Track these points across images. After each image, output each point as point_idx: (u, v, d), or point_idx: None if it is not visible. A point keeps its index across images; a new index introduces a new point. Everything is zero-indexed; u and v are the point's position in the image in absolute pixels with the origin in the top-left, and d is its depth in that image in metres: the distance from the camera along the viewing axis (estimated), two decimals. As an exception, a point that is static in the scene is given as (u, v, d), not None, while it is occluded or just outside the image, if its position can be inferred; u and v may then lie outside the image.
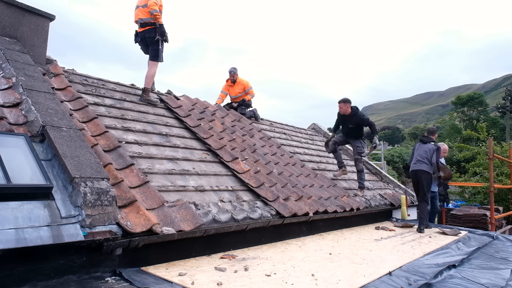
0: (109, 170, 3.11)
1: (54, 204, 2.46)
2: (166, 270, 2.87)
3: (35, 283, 2.27)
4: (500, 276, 3.47)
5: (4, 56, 3.79)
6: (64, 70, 4.98)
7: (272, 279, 2.85)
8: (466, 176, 13.01)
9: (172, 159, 4.26)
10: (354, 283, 2.90)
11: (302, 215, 4.46)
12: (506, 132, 35.82)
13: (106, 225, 2.56)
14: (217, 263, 3.18)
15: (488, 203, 9.10)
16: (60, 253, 2.40)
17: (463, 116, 45.38)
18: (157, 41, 5.53)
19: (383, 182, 8.57)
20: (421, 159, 6.23)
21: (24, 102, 3.24)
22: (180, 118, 5.54)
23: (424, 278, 3.10)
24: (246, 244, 3.87)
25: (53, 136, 2.89)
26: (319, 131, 10.30)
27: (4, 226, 2.13)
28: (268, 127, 8.17)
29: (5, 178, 2.36)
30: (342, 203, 5.49)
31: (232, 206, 3.88)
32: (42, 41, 4.57)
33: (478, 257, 4.27)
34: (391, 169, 27.05)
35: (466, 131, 17.04)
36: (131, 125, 4.53)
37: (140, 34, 5.62)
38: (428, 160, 6.20)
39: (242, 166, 4.82)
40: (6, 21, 4.23)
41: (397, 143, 65.53)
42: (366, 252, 4.03)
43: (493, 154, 8.37)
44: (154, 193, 3.23)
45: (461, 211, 8.76)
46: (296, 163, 6.32)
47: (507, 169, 10.90)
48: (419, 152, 6.31)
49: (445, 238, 5.35)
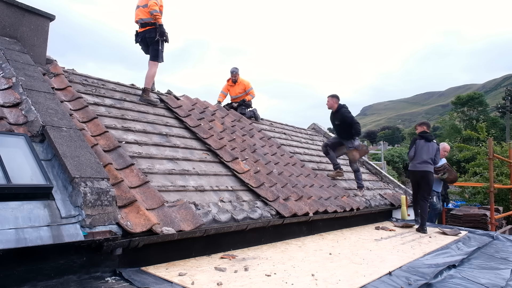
0: (109, 170, 3.11)
1: (54, 204, 2.46)
2: (166, 270, 2.87)
3: (35, 283, 2.27)
4: (500, 276, 3.47)
5: (4, 56, 3.79)
6: (64, 70, 4.98)
7: (272, 279, 2.85)
8: (466, 176, 13.01)
9: (172, 159, 4.26)
10: (354, 283, 2.90)
11: (302, 215, 4.46)
12: (506, 132, 35.82)
13: (106, 225, 2.56)
14: (217, 263, 3.18)
15: (488, 203, 9.10)
16: (60, 253, 2.40)
17: (463, 116, 45.39)
18: (157, 42, 5.53)
19: (383, 182, 8.57)
20: (428, 159, 6.07)
21: (24, 102, 3.24)
22: (180, 118, 5.54)
23: (424, 278, 3.10)
24: (246, 244, 3.87)
25: (53, 136, 2.89)
26: (319, 131, 10.30)
27: (4, 226, 2.13)
28: (268, 127, 8.17)
29: (5, 178, 2.36)
30: (342, 203, 5.49)
31: (232, 206, 3.88)
32: (42, 41, 4.57)
33: (478, 257, 4.27)
34: (391, 169, 27.07)
35: (466, 131, 17.05)
36: (131, 125, 4.53)
37: (141, 34, 5.62)
38: (432, 160, 6.10)
39: (242, 166, 4.82)
40: (6, 21, 4.23)
41: (397, 143, 65.54)
42: (366, 252, 4.03)
43: (493, 154, 8.37)
44: (154, 193, 3.23)
45: (461, 211, 8.76)
46: (296, 163, 6.32)
47: (507, 169, 10.90)
48: (425, 151, 6.08)
49: (445, 238, 5.35)
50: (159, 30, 5.47)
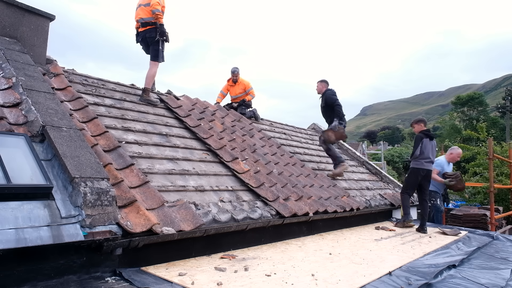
0: (109, 170, 3.11)
1: (54, 204, 2.46)
2: (166, 270, 2.87)
3: (35, 283, 2.27)
4: (500, 276, 3.47)
5: (4, 56, 3.79)
6: (64, 70, 4.98)
7: (272, 279, 2.85)
8: (466, 176, 13.02)
9: (172, 159, 4.26)
10: (354, 283, 2.90)
11: (302, 215, 4.46)
12: (506, 132, 35.83)
13: (106, 225, 2.56)
14: (217, 263, 3.18)
15: (488, 203, 9.11)
16: (60, 253, 2.40)
17: (463, 116, 45.42)
18: (157, 41, 5.52)
19: (383, 182, 8.57)
20: (433, 159, 6.12)
21: (24, 102, 3.24)
22: (180, 118, 5.54)
23: (424, 278, 3.10)
24: (246, 244, 3.87)
25: (53, 136, 2.89)
26: (319, 131, 10.30)
27: (4, 226, 2.13)
28: (268, 127, 8.18)
29: (5, 178, 2.36)
30: (342, 203, 5.49)
31: (232, 206, 3.88)
32: (42, 41, 4.57)
33: (478, 257, 4.27)
34: (391, 169, 27.09)
35: (466, 131, 17.06)
36: (131, 125, 4.53)
37: (141, 34, 5.61)
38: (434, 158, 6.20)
39: (242, 166, 4.82)
40: (6, 21, 4.23)
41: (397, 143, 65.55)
42: (366, 252, 4.03)
43: (493, 154, 8.37)
44: (154, 193, 3.23)
45: (461, 211, 8.76)
46: (296, 163, 6.32)
47: (507, 169, 10.91)
48: (429, 150, 6.03)
49: (445, 238, 5.35)
50: (159, 30, 5.47)
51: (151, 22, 5.48)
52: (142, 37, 5.62)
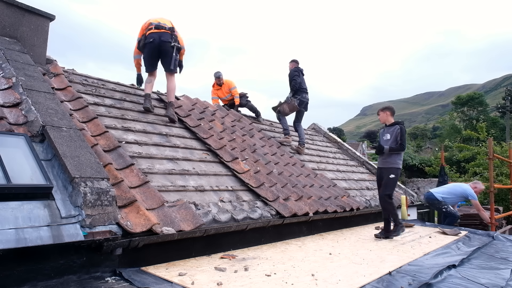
0: (109, 170, 3.11)
1: (54, 204, 2.46)
2: (166, 270, 2.87)
3: (35, 283, 2.27)
4: (500, 276, 3.47)
5: (4, 56, 3.79)
6: (64, 70, 4.98)
7: (272, 279, 2.85)
8: (466, 176, 13.02)
9: (172, 159, 4.26)
10: (354, 283, 2.90)
11: (302, 215, 4.46)
12: (506, 132, 35.82)
13: (106, 225, 2.56)
14: (217, 263, 3.18)
15: (488, 203, 9.10)
16: (60, 253, 2.40)
17: (463, 116, 45.42)
18: (172, 47, 5.19)
19: (383, 182, 8.55)
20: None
21: (24, 102, 3.24)
22: (180, 118, 5.54)
23: (424, 278, 3.10)
24: (246, 244, 3.87)
25: (53, 136, 2.89)
26: (319, 131, 10.29)
27: (4, 226, 2.13)
28: (268, 127, 8.18)
29: (5, 178, 2.36)
30: (342, 203, 5.49)
31: (232, 206, 3.88)
32: (42, 41, 4.57)
33: (478, 257, 4.27)
34: (391, 169, 27.02)
35: (466, 131, 17.06)
36: (131, 125, 4.53)
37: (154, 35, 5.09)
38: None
39: (242, 166, 4.82)
40: (6, 21, 4.23)
41: (397, 143, 65.33)
42: (366, 252, 4.03)
43: (493, 154, 8.36)
44: (154, 193, 3.23)
45: (461, 211, 8.75)
46: (296, 163, 6.32)
47: (507, 169, 10.91)
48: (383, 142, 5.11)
49: (445, 238, 5.35)
50: (174, 37, 5.20)
51: (168, 27, 5.20)
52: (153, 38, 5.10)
